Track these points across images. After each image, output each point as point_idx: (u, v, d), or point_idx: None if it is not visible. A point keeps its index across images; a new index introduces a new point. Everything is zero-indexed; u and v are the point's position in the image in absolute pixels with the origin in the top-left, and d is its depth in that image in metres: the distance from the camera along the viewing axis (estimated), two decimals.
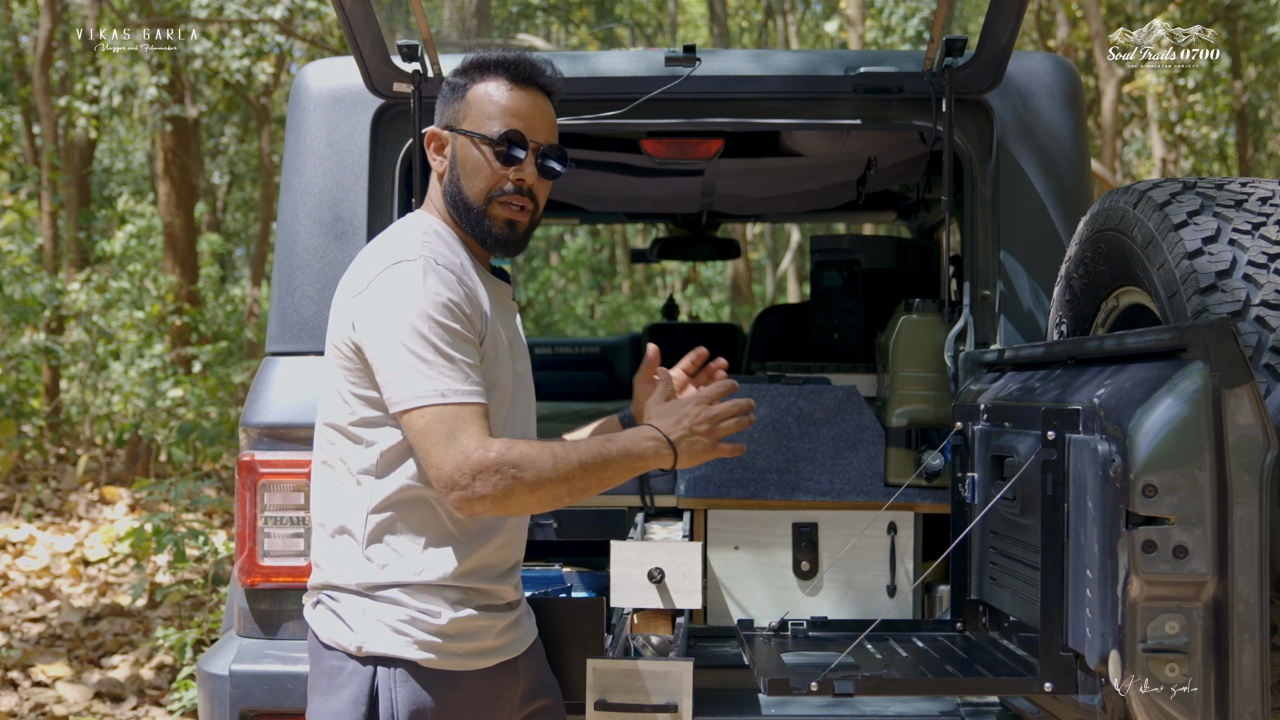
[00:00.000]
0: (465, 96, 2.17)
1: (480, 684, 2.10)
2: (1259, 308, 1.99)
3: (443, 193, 2.19)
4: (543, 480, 1.95)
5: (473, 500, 1.93)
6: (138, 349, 11.41)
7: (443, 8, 8.70)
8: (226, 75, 11.60)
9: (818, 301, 4.42)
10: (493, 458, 1.93)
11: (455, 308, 2.01)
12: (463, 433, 1.94)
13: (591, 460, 2.00)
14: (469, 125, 2.15)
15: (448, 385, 1.96)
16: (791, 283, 19.71)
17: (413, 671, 2.04)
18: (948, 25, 2.86)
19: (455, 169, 2.16)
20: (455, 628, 2.07)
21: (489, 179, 2.14)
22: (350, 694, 2.05)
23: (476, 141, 2.14)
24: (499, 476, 1.92)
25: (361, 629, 2.06)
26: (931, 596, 3.01)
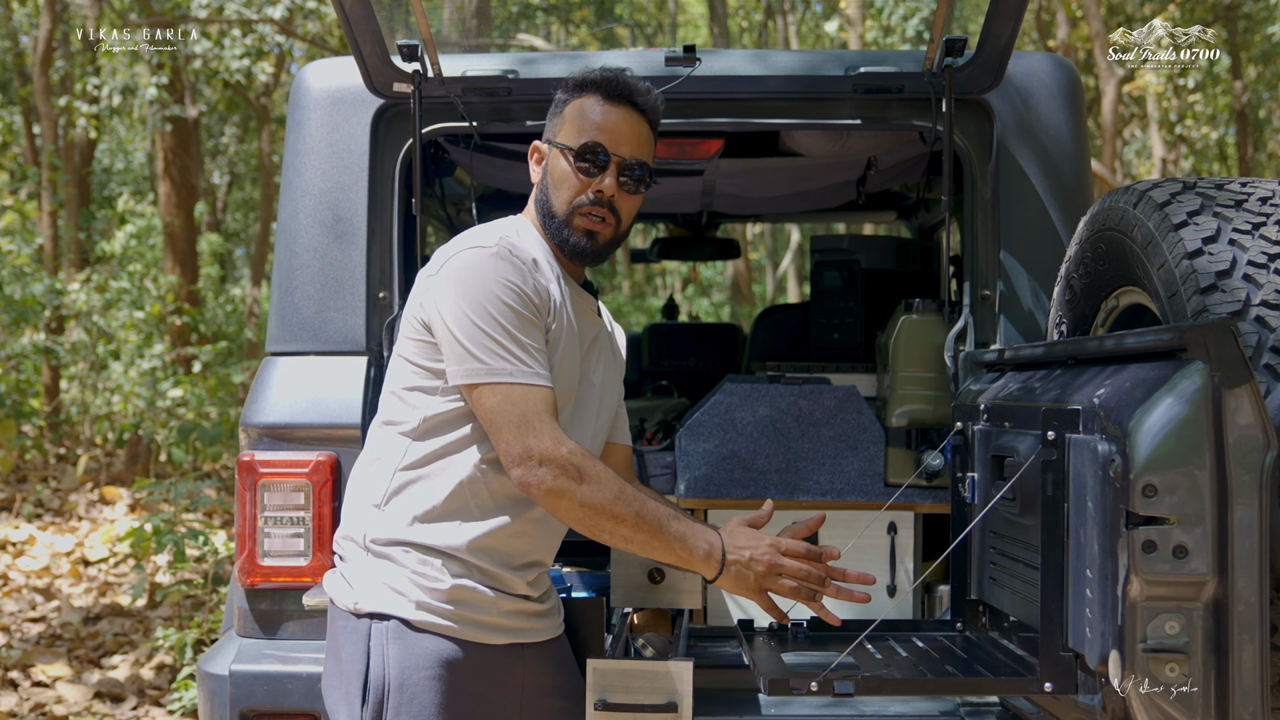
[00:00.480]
0: (563, 112, 2.28)
1: (481, 658, 2.10)
2: (1259, 308, 1.99)
3: (535, 201, 2.30)
4: (595, 506, 2.02)
5: (531, 485, 2.02)
6: (138, 349, 11.41)
7: (443, 8, 8.69)
8: (226, 75, 11.60)
9: (818, 301, 4.42)
10: (561, 455, 2.01)
11: (522, 293, 2.10)
12: (535, 418, 2.03)
13: (650, 521, 2.05)
14: (561, 139, 2.26)
15: (516, 366, 2.05)
16: (791, 283, 19.71)
17: (406, 628, 2.07)
18: (948, 25, 2.85)
19: (545, 179, 2.28)
20: (455, 594, 2.09)
21: (572, 189, 2.24)
22: (349, 652, 2.10)
23: (564, 153, 2.25)
24: (560, 476, 2.00)
25: (359, 585, 2.12)
26: (931, 596, 3.01)
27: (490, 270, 2.09)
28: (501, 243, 2.14)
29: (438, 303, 2.11)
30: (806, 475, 2.98)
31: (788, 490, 2.97)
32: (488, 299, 2.07)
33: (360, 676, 2.08)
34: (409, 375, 2.17)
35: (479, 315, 2.06)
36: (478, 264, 2.11)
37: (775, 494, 2.98)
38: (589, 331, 2.31)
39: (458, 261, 2.13)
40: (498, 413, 2.04)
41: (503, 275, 2.09)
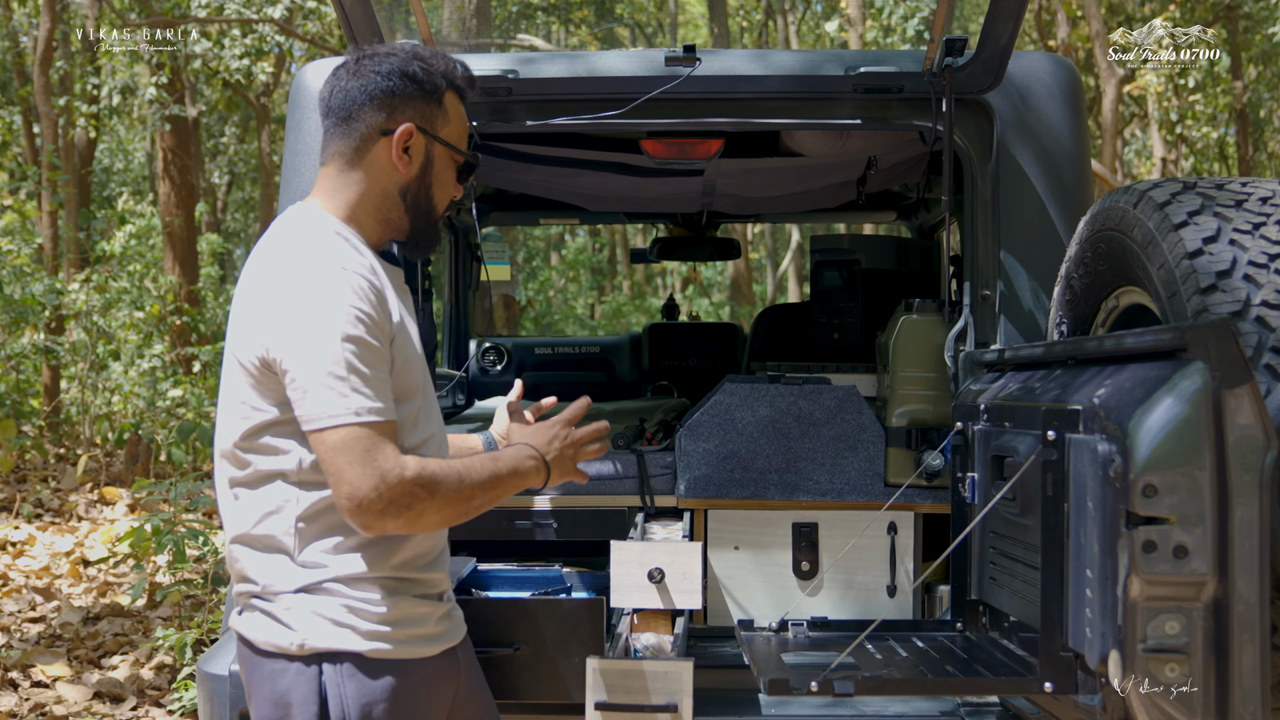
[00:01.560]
0: (443, 104, 2.14)
1: (424, 672, 2.06)
2: (1259, 308, 1.99)
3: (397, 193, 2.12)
4: (448, 499, 1.97)
5: (384, 518, 1.91)
6: (138, 349, 11.41)
7: (443, 8, 8.69)
8: (226, 75, 11.60)
9: (818, 301, 4.42)
10: (409, 477, 1.92)
11: (368, 320, 1.96)
12: (378, 452, 1.92)
13: (487, 479, 2.04)
14: (448, 136, 2.14)
15: (361, 403, 1.92)
16: (791, 283, 19.72)
17: (359, 664, 2.00)
18: (948, 25, 2.86)
19: (428, 176, 2.13)
20: (396, 614, 2.03)
21: (450, 192, 2.17)
22: (300, 695, 2.00)
23: (454, 156, 2.15)
24: (412, 497, 1.92)
25: (301, 626, 2.01)
26: (931, 596, 3.01)
27: (332, 299, 1.94)
28: (336, 258, 1.99)
29: (277, 339, 1.95)
30: (806, 475, 2.98)
31: (788, 490, 2.97)
32: (333, 333, 1.93)
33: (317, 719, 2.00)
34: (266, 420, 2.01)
35: (323, 353, 1.92)
36: (318, 291, 1.94)
37: (775, 494, 2.98)
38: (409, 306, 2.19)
39: (293, 288, 1.96)
40: (340, 453, 1.91)
41: (347, 304, 1.95)
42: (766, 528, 3.01)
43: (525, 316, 17.68)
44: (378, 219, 2.13)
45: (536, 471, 2.14)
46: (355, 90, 2.10)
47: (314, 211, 2.10)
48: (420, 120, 2.11)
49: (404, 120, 2.09)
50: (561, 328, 18.99)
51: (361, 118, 2.09)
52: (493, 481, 2.05)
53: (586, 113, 2.95)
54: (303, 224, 2.08)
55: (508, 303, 14.34)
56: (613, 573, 2.59)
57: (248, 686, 2.09)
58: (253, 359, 1.99)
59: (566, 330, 18.89)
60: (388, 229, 2.14)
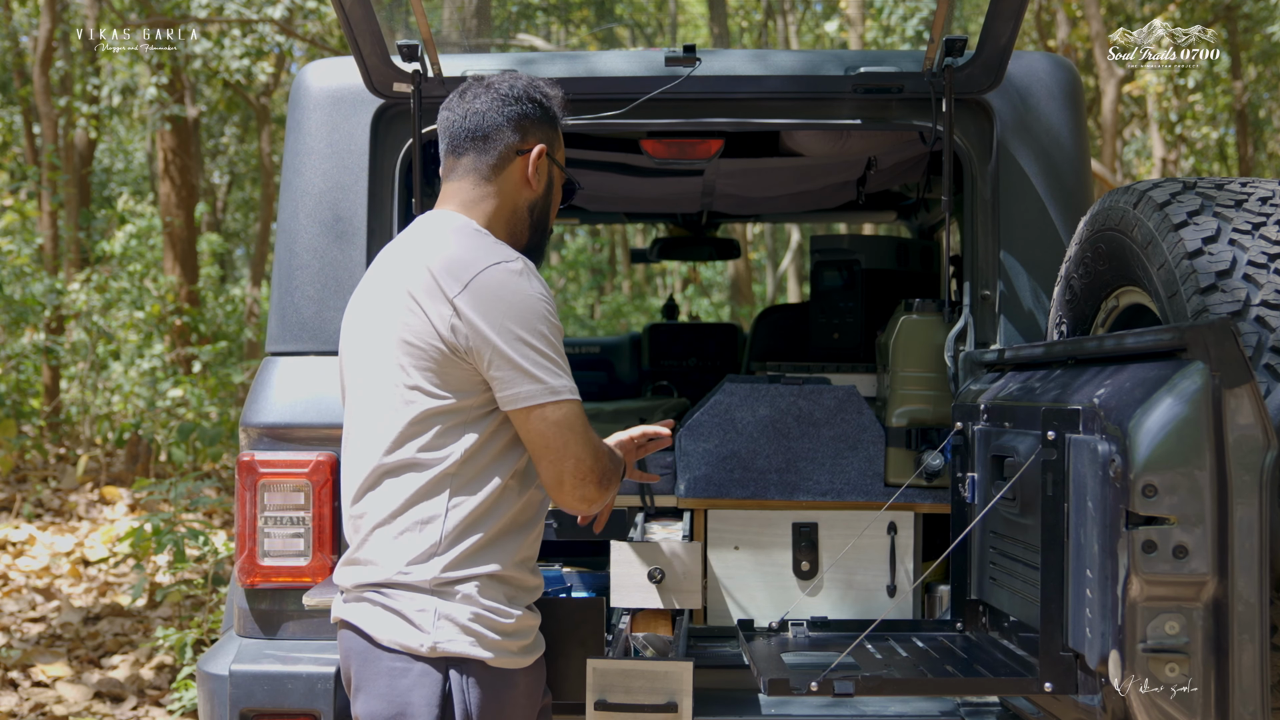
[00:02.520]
0: (558, 130, 2.31)
1: (527, 681, 2.14)
2: (1259, 308, 1.99)
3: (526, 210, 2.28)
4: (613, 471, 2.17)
5: (604, 491, 2.11)
6: (138, 349, 11.41)
7: (443, 8, 8.69)
8: (226, 75, 11.59)
9: (818, 301, 4.42)
10: (607, 450, 2.15)
11: (554, 309, 2.13)
12: (590, 429, 2.11)
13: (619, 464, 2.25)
14: (561, 159, 2.33)
15: (571, 384, 2.09)
16: (791, 283, 19.71)
17: (483, 671, 2.06)
18: (948, 25, 2.86)
19: (549, 197, 2.31)
20: (516, 625, 2.10)
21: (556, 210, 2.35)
22: (422, 695, 2.03)
23: (562, 176, 2.34)
24: (612, 468, 2.14)
25: (432, 629, 2.04)
26: (931, 596, 3.01)
27: (527, 288, 2.07)
28: (520, 258, 2.13)
29: (476, 326, 2.03)
30: (806, 475, 2.98)
31: (788, 490, 2.97)
32: (536, 318, 2.06)
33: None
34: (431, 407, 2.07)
35: (532, 335, 2.05)
36: (513, 283, 2.07)
37: (775, 494, 2.98)
38: None
39: (489, 281, 2.06)
40: (564, 428, 2.06)
41: (539, 292, 2.09)
42: (766, 528, 3.01)
43: None
44: (506, 231, 2.25)
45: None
46: (492, 112, 2.24)
47: (470, 224, 2.21)
48: (546, 142, 2.27)
49: (536, 142, 2.25)
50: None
51: (500, 137, 2.23)
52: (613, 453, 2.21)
53: (586, 113, 2.95)
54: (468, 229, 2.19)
55: None
56: (613, 573, 2.59)
57: (356, 679, 2.12)
58: (436, 345, 2.06)
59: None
60: (512, 242, 2.25)
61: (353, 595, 2.13)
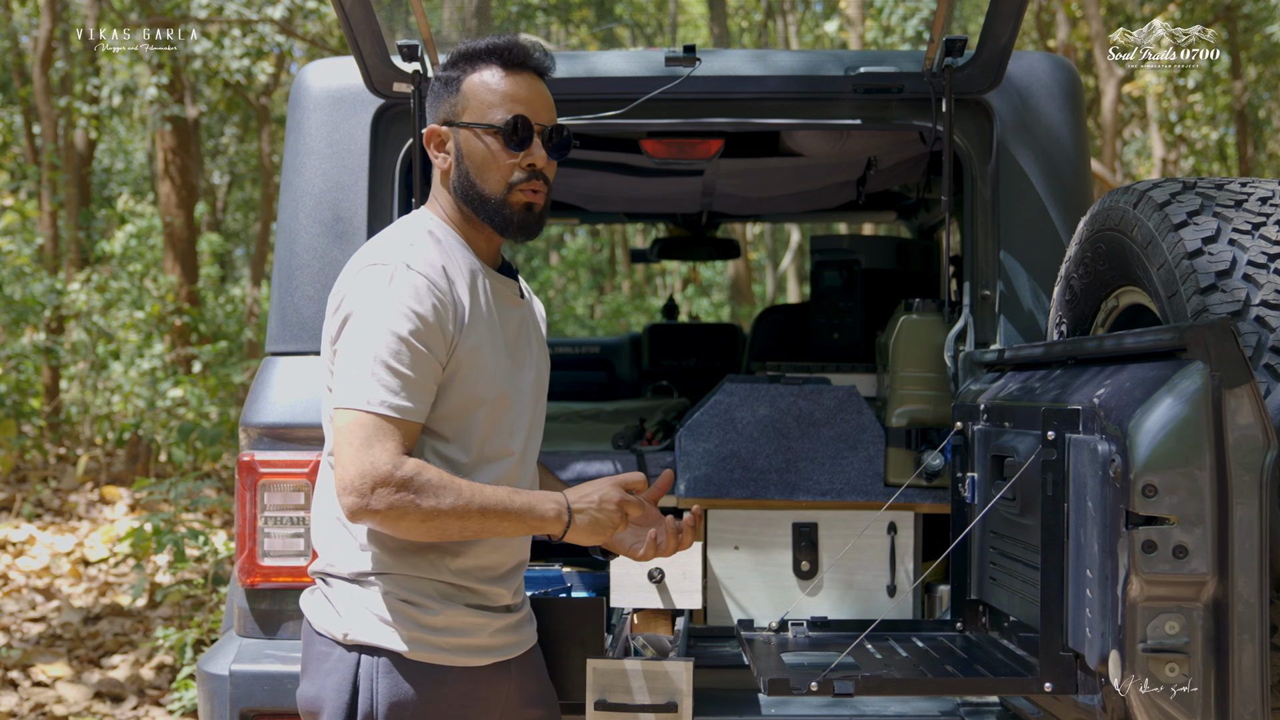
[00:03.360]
0: (461, 89, 2.14)
1: (468, 682, 2.08)
2: (1259, 308, 1.99)
3: (451, 189, 2.17)
4: (438, 512, 1.94)
5: (364, 512, 1.93)
6: (138, 349, 11.41)
7: (443, 8, 8.69)
8: (226, 75, 11.59)
9: (818, 301, 4.42)
10: (399, 476, 1.93)
11: (416, 318, 2.00)
12: (379, 444, 1.94)
13: (494, 507, 1.99)
14: (470, 118, 2.13)
15: (379, 395, 1.96)
16: (791, 283, 19.71)
17: (396, 662, 2.04)
18: (948, 25, 2.86)
19: (463, 164, 2.14)
20: (444, 621, 2.06)
21: (503, 169, 2.12)
22: (335, 681, 2.05)
23: (481, 133, 2.12)
24: (398, 496, 1.92)
25: (349, 616, 2.06)
26: (931, 596, 3.01)
27: (383, 294, 2.00)
28: (404, 255, 2.05)
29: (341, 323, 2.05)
30: (806, 475, 2.98)
31: (788, 490, 2.97)
32: (377, 325, 1.99)
33: (346, 709, 2.04)
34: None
35: (363, 341, 1.99)
36: (375, 287, 2.01)
37: (775, 494, 2.98)
38: (513, 320, 2.21)
39: (357, 284, 2.04)
40: (342, 436, 1.96)
41: (396, 299, 2.00)
42: (766, 528, 3.01)
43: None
44: (458, 216, 2.19)
45: (556, 519, 2.05)
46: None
47: (419, 213, 2.20)
48: (446, 115, 2.16)
49: (433, 121, 2.18)
50: (561, 328, 18.98)
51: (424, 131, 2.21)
52: (499, 512, 1.99)
53: (586, 113, 2.95)
54: (401, 222, 2.19)
55: None
56: (613, 573, 2.59)
57: (302, 661, 2.17)
58: (328, 342, 2.09)
59: (566, 330, 18.89)
60: (474, 226, 2.18)
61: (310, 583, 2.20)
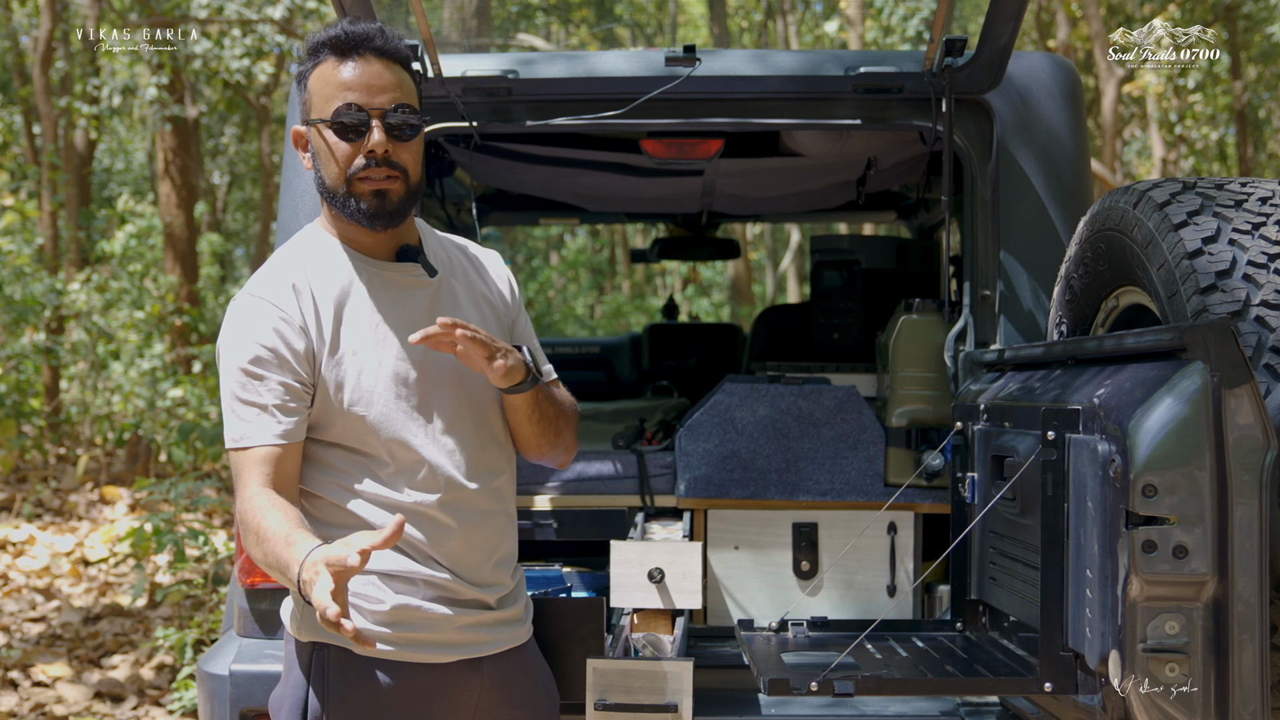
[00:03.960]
0: (307, 86, 2.11)
1: (429, 677, 2.06)
2: (1259, 308, 1.99)
3: (317, 189, 2.14)
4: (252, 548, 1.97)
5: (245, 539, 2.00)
6: (138, 349, 11.41)
7: (443, 8, 8.69)
8: (226, 75, 11.59)
9: (818, 301, 4.42)
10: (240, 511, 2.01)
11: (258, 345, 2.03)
12: (239, 482, 2.03)
13: (273, 554, 1.91)
14: (314, 114, 2.09)
15: (234, 431, 2.04)
16: (791, 283, 19.71)
17: (345, 657, 2.03)
18: (948, 25, 2.85)
19: (316, 162, 2.11)
20: (397, 615, 2.04)
21: (340, 160, 2.06)
22: (293, 678, 2.10)
23: (322, 128, 2.07)
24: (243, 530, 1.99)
25: (302, 613, 2.08)
26: (931, 596, 3.01)
27: (232, 327, 2.08)
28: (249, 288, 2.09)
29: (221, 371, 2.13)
30: (806, 475, 2.98)
31: (788, 490, 2.97)
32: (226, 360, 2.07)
33: (301, 704, 2.05)
34: None
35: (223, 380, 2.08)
36: (226, 323, 2.10)
37: (775, 494, 2.98)
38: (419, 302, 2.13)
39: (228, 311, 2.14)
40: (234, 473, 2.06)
41: (241, 331, 2.05)
42: (766, 528, 3.01)
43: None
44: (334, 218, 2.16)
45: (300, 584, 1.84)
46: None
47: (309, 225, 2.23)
48: (303, 115, 2.13)
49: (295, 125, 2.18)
50: (561, 328, 18.98)
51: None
52: (273, 559, 1.92)
53: (586, 113, 2.95)
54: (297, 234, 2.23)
55: None
56: (613, 573, 2.59)
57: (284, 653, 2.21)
58: None
59: (566, 330, 18.89)
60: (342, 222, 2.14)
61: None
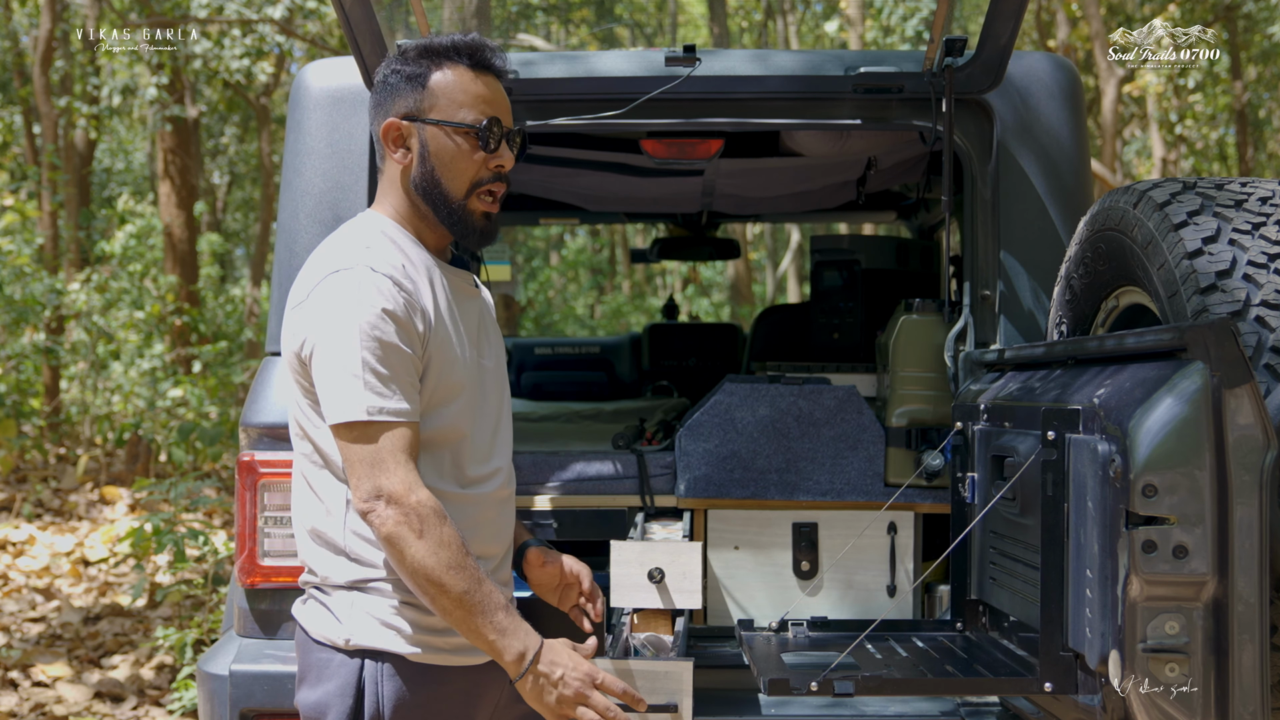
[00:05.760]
0: (428, 85, 2.10)
1: (466, 680, 2.10)
2: (1259, 308, 1.99)
3: (410, 187, 2.13)
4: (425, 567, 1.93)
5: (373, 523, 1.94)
6: (138, 349, 11.41)
7: (443, 8, 8.69)
8: (226, 75, 11.60)
9: (818, 301, 4.42)
10: (411, 501, 1.93)
11: (390, 318, 1.98)
12: (389, 457, 1.95)
13: (475, 603, 1.94)
14: (440, 115, 2.09)
15: (376, 402, 1.95)
16: (791, 283, 19.71)
17: (399, 665, 2.05)
18: (948, 25, 2.85)
19: (428, 162, 2.10)
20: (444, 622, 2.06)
21: (471, 169, 2.09)
22: (338, 685, 2.06)
23: (451, 131, 2.08)
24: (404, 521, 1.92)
25: (350, 621, 2.07)
26: (931, 596, 3.01)
27: (355, 298, 1.98)
28: (364, 258, 2.02)
29: (307, 338, 2.02)
30: (806, 475, 2.98)
31: (788, 490, 2.97)
32: (354, 330, 1.96)
33: (350, 712, 2.05)
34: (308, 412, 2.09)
35: (344, 350, 1.96)
36: (342, 292, 1.99)
37: (775, 494, 2.98)
38: (472, 313, 2.19)
39: (323, 291, 2.01)
40: (353, 450, 1.96)
41: (370, 303, 1.97)
42: (766, 528, 3.01)
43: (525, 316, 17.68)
44: (413, 216, 2.16)
45: (515, 662, 1.97)
46: (370, 101, 2.18)
47: (367, 215, 2.18)
48: (408, 110, 2.11)
49: (393, 114, 2.13)
50: (561, 328, 18.98)
51: (374, 126, 2.16)
52: (476, 611, 1.93)
53: (586, 113, 2.95)
54: (351, 226, 2.15)
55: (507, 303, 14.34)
56: (613, 573, 2.59)
57: (298, 670, 2.15)
58: (293, 356, 2.06)
59: (566, 330, 18.89)
60: (428, 224, 2.16)
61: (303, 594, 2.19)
